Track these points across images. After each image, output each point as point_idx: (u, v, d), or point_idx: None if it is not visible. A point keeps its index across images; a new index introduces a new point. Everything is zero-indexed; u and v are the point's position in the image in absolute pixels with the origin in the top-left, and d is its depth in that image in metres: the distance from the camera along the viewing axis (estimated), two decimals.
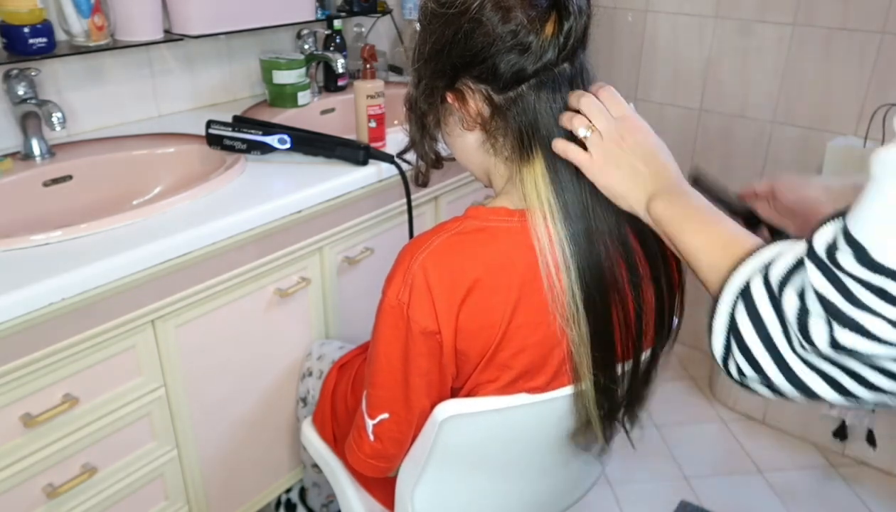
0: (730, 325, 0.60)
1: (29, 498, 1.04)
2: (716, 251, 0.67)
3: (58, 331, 0.98)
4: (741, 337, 0.59)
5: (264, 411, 1.36)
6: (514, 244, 0.81)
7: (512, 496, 1.01)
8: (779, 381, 0.58)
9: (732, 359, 0.60)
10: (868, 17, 1.80)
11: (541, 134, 0.80)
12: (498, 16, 0.75)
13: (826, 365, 0.55)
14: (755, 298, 0.58)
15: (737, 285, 0.60)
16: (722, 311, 0.61)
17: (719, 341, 0.61)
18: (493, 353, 0.83)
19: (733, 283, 0.61)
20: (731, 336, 0.60)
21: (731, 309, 0.60)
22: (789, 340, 0.56)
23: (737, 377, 0.61)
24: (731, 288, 0.61)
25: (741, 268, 0.61)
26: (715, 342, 0.61)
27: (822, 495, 1.79)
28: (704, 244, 0.69)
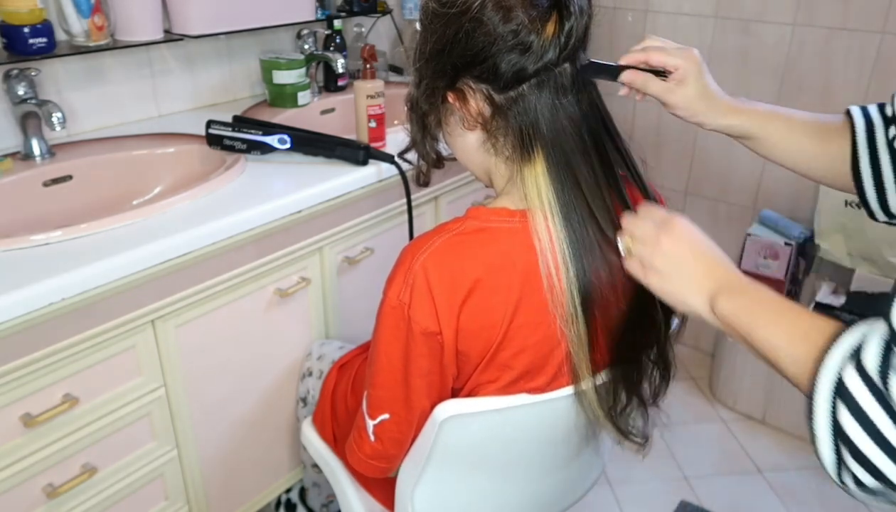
0: (834, 429, 0.54)
1: (29, 498, 1.04)
2: (795, 342, 0.61)
3: (58, 331, 0.98)
4: (852, 444, 0.52)
5: (264, 411, 1.36)
6: (514, 244, 0.81)
7: (512, 496, 1.01)
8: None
9: (847, 470, 0.54)
10: (868, 17, 1.80)
11: (542, 133, 0.80)
12: (499, 15, 0.75)
13: None
14: (854, 394, 0.52)
15: (829, 380, 0.55)
16: (821, 412, 0.55)
17: (828, 450, 0.55)
18: (493, 353, 0.83)
19: (824, 377, 0.55)
20: (839, 442, 0.53)
21: (830, 409, 0.54)
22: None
23: (855, 489, 0.55)
24: (823, 384, 0.55)
25: (828, 360, 0.56)
26: (823, 452, 0.55)
27: (822, 495, 1.79)
28: (781, 336, 0.63)
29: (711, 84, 0.91)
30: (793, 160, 0.93)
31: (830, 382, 0.54)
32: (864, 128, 0.87)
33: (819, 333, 0.59)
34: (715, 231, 2.21)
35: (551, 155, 0.79)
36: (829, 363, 0.55)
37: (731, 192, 2.17)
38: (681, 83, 0.90)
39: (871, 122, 0.88)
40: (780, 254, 1.96)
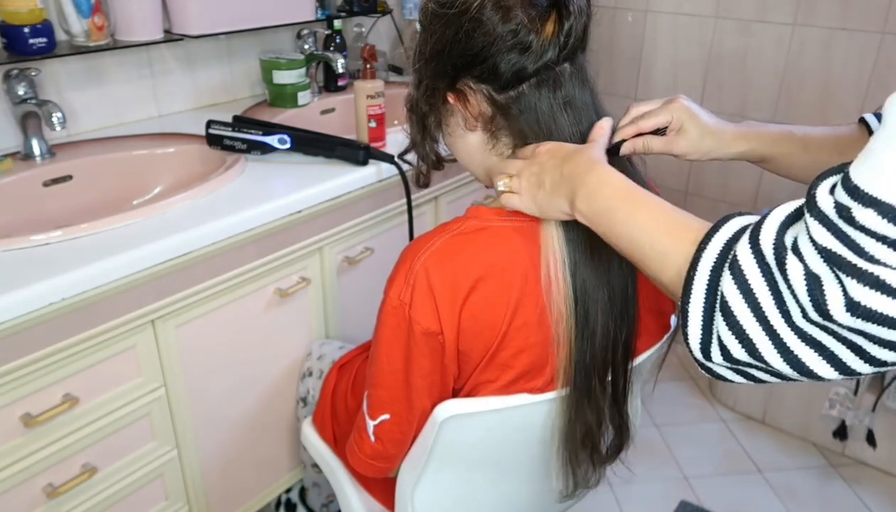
0: (708, 302, 0.55)
1: (29, 498, 1.04)
2: (662, 237, 0.63)
3: (58, 331, 0.98)
4: (731, 313, 0.53)
5: (264, 411, 1.36)
6: (515, 244, 0.81)
7: (512, 496, 1.01)
8: (773, 359, 0.52)
9: (717, 342, 0.55)
10: (868, 17, 1.80)
11: (542, 133, 0.80)
12: (498, 15, 0.75)
13: (827, 338, 0.50)
14: (744, 268, 0.53)
15: (712, 256, 0.56)
16: (699, 283, 0.56)
17: (696, 325, 0.56)
18: (493, 353, 0.83)
19: (707, 255, 0.56)
20: (719, 314, 0.54)
21: (707, 282, 0.55)
22: (784, 312, 0.51)
23: (721, 362, 0.55)
24: (706, 260, 0.56)
25: (715, 238, 0.57)
26: (691, 332, 0.56)
27: (822, 495, 1.79)
28: (646, 232, 0.65)
29: (709, 120, 0.92)
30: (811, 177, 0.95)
31: (713, 256, 0.56)
32: None
33: (688, 227, 0.62)
34: None
35: None
36: (714, 241, 0.57)
37: (731, 192, 2.17)
38: (679, 132, 0.91)
39: None
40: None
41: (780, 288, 0.51)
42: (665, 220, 0.65)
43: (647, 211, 0.66)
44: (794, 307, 0.50)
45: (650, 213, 0.66)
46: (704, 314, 0.56)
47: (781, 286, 0.51)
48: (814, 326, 0.50)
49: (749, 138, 0.92)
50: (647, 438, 1.97)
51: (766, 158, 0.93)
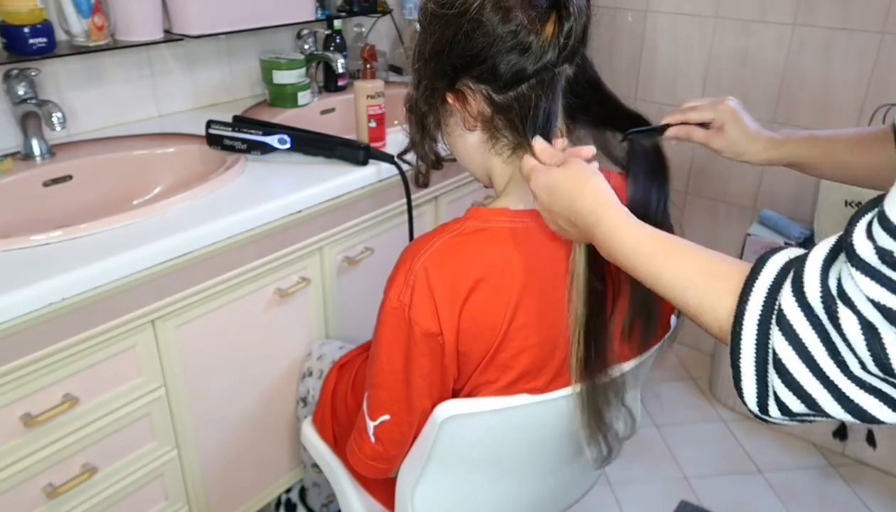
0: (759, 357, 0.52)
1: (29, 498, 1.04)
2: (697, 292, 0.60)
3: (58, 331, 0.98)
4: (785, 369, 0.51)
5: (264, 411, 1.36)
6: (515, 245, 0.81)
7: (512, 496, 1.01)
8: (833, 410, 0.50)
9: (774, 399, 0.52)
10: (868, 17, 1.80)
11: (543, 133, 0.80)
12: (498, 16, 0.75)
13: (883, 384, 0.48)
14: (792, 322, 0.50)
15: (756, 310, 0.53)
16: (748, 341, 0.53)
17: (750, 382, 0.53)
18: (493, 353, 0.83)
19: (751, 309, 0.53)
20: (773, 372, 0.52)
21: (756, 338, 0.53)
22: (840, 362, 0.49)
23: (779, 416, 0.53)
24: (752, 311, 0.53)
25: (755, 288, 0.54)
26: (746, 389, 0.53)
27: (822, 495, 1.79)
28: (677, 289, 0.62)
29: (751, 125, 0.99)
30: (841, 175, 0.98)
31: (758, 309, 0.53)
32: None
33: (726, 270, 0.59)
34: (715, 231, 2.23)
35: None
36: (756, 291, 0.54)
37: (731, 192, 2.17)
38: (720, 130, 1.00)
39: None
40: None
41: (834, 340, 0.49)
42: (694, 271, 0.61)
43: (672, 265, 0.63)
44: (852, 359, 0.48)
45: (676, 267, 0.62)
46: (757, 371, 0.53)
47: (835, 338, 0.49)
48: (873, 376, 0.48)
49: (781, 145, 0.99)
50: (647, 438, 1.97)
51: (795, 163, 0.99)
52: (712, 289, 0.58)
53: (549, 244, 0.83)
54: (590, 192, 0.71)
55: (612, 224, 0.69)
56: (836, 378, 0.49)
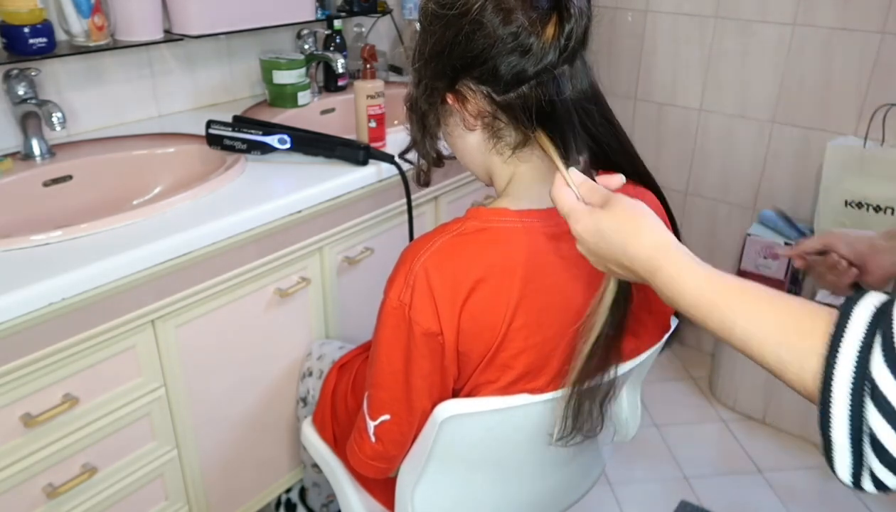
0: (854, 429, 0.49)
1: (29, 498, 1.04)
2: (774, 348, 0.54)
3: (58, 331, 0.98)
4: (884, 450, 0.47)
5: (264, 411, 1.36)
6: (515, 245, 0.81)
7: (512, 496, 1.01)
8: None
9: (869, 475, 0.49)
10: (868, 17, 1.80)
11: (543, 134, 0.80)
12: (499, 18, 0.75)
13: None
14: (888, 395, 0.46)
15: (847, 378, 0.49)
16: (838, 414, 0.49)
17: (843, 458, 0.50)
18: (493, 353, 0.83)
19: (841, 377, 0.49)
20: (870, 449, 0.48)
21: (850, 408, 0.49)
22: None
23: (872, 490, 0.50)
24: (841, 384, 0.49)
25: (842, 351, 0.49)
26: (838, 460, 0.50)
27: (822, 495, 1.79)
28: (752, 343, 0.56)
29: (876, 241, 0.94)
30: None
31: (849, 377, 0.48)
32: None
33: (814, 317, 0.53)
34: (715, 231, 2.23)
35: None
36: (843, 355, 0.49)
37: (731, 192, 2.17)
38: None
39: None
40: (780, 254, 1.96)
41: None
42: (770, 325, 0.56)
43: (742, 319, 0.57)
44: None
45: (746, 321, 0.57)
46: (852, 445, 0.49)
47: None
48: None
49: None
50: (647, 438, 1.97)
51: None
52: (794, 348, 0.54)
53: (549, 244, 0.82)
54: (646, 238, 0.65)
55: (671, 273, 0.63)
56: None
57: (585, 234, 0.69)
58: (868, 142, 1.82)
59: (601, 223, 0.68)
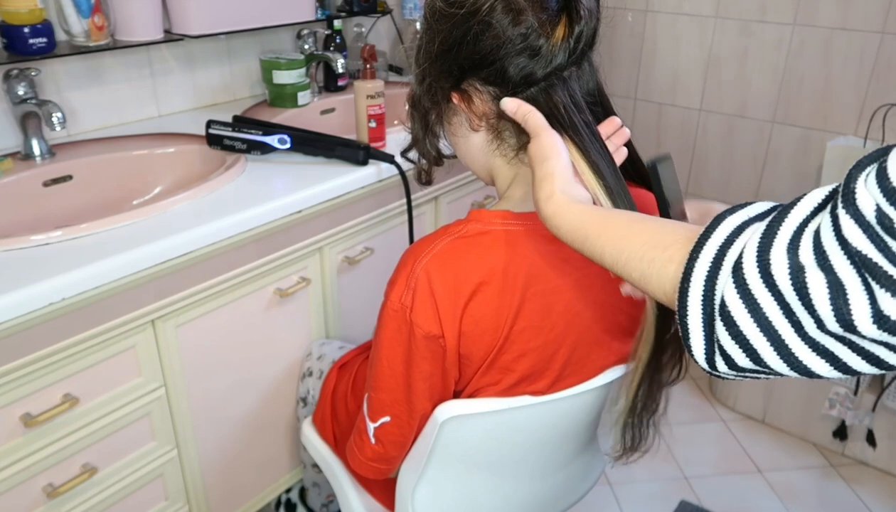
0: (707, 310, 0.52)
1: (29, 498, 1.04)
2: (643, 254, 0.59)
3: (58, 331, 0.98)
4: (732, 321, 0.50)
5: (264, 411, 1.36)
6: (517, 248, 0.81)
7: (512, 497, 1.01)
8: (777, 366, 0.50)
9: (720, 352, 0.52)
10: (868, 17, 1.80)
11: None
12: (508, 18, 0.74)
13: (841, 348, 0.47)
14: (747, 277, 0.49)
15: (706, 267, 0.52)
16: (694, 297, 0.52)
17: (699, 338, 0.53)
18: (495, 356, 0.83)
19: (700, 266, 0.52)
20: (720, 320, 0.51)
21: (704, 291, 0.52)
22: (794, 322, 0.48)
23: (726, 371, 0.53)
24: (700, 272, 0.52)
25: (704, 250, 0.53)
26: (694, 341, 0.53)
27: (822, 495, 1.79)
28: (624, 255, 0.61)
29: None
30: None
31: (708, 263, 0.52)
32: None
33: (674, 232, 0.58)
34: None
35: None
36: (708, 247, 0.53)
37: (731, 192, 2.17)
38: None
39: None
40: None
41: (789, 302, 0.48)
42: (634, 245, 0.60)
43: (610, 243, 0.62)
44: (808, 319, 0.47)
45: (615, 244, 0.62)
46: (705, 327, 0.53)
47: (791, 300, 0.48)
48: (829, 337, 0.47)
49: None
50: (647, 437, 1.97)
51: None
52: (654, 260, 0.58)
53: (551, 247, 0.82)
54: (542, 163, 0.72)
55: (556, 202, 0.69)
56: (787, 337, 0.49)
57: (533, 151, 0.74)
58: (868, 142, 1.82)
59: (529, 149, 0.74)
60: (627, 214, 0.65)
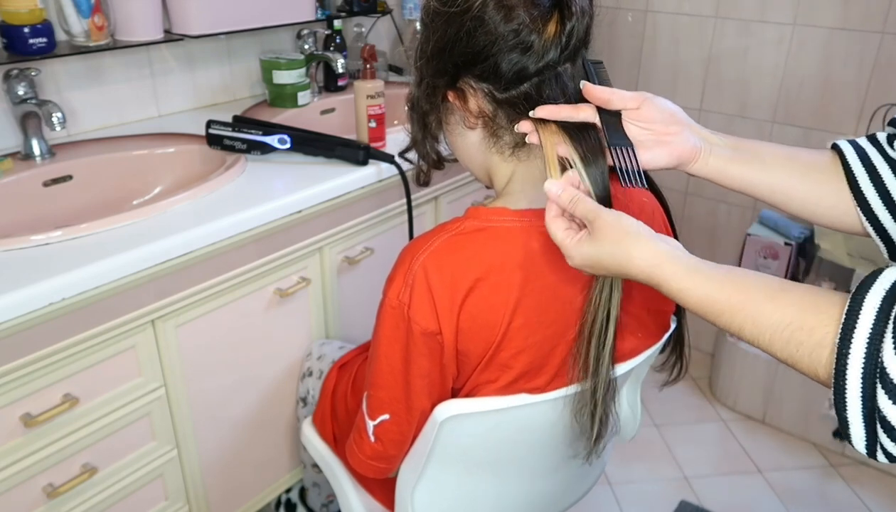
0: (867, 411, 0.52)
1: (29, 498, 1.04)
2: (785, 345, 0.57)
3: (58, 331, 0.98)
4: (892, 428, 0.50)
5: (264, 411, 1.36)
6: (514, 245, 0.81)
7: (512, 496, 1.01)
8: None
9: (881, 447, 0.52)
10: (868, 17, 1.80)
11: None
12: (500, 15, 0.75)
13: None
14: (893, 378, 0.49)
15: (859, 366, 0.51)
16: (853, 400, 0.52)
17: (859, 433, 0.53)
18: (493, 353, 0.83)
19: (853, 366, 0.52)
20: (881, 428, 0.51)
21: (862, 394, 0.52)
22: None
23: (887, 462, 0.53)
24: (853, 373, 0.52)
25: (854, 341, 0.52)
26: (854, 436, 0.53)
27: (822, 495, 1.79)
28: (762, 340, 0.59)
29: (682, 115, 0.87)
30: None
31: (859, 365, 0.51)
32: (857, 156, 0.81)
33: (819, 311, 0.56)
34: (715, 231, 2.23)
35: None
36: (855, 344, 0.51)
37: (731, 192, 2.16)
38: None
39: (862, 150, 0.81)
40: (780, 254, 1.96)
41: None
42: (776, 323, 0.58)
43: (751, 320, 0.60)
44: None
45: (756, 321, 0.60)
46: (866, 423, 0.52)
47: None
48: None
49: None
50: (647, 438, 1.97)
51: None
52: (802, 344, 0.56)
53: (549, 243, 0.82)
54: (639, 259, 0.67)
55: (671, 288, 0.65)
56: None
57: (583, 266, 0.71)
58: None
59: (592, 255, 0.69)
60: (757, 282, 0.62)
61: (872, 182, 0.78)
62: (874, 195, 0.77)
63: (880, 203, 0.77)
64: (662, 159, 0.78)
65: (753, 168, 0.81)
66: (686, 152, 0.78)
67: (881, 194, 0.77)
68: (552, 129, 0.77)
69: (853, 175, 0.79)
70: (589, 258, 0.70)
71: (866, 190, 0.78)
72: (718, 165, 0.81)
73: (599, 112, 0.77)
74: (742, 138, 0.84)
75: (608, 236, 0.68)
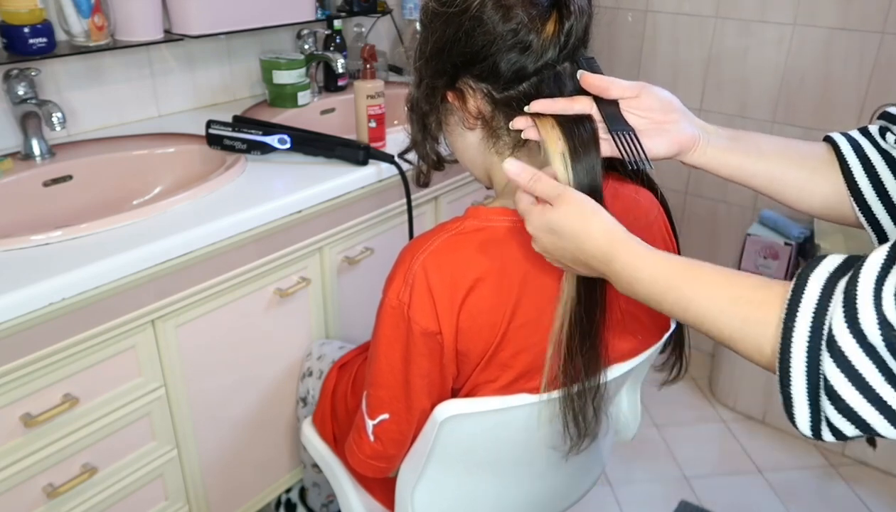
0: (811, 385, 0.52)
1: (29, 498, 1.04)
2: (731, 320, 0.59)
3: (58, 331, 0.98)
4: (838, 397, 0.51)
5: (264, 411, 1.36)
6: (514, 244, 0.81)
7: (512, 496, 1.01)
8: (887, 431, 0.51)
9: (827, 424, 0.53)
10: (868, 17, 1.80)
11: None
12: (499, 14, 0.75)
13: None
14: (844, 348, 0.50)
15: (804, 338, 0.52)
16: (797, 372, 0.53)
17: (803, 410, 0.53)
18: (493, 353, 0.83)
19: (798, 336, 0.52)
20: (826, 398, 0.52)
21: (807, 366, 0.52)
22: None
23: (832, 439, 0.54)
24: (799, 344, 0.52)
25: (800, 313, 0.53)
26: (798, 413, 0.53)
27: (822, 495, 1.79)
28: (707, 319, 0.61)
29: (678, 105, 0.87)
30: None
31: (805, 335, 0.52)
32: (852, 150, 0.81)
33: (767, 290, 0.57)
34: (715, 231, 2.23)
35: None
36: (801, 316, 0.53)
37: (731, 192, 2.17)
38: None
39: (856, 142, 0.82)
40: (780, 254, 1.96)
41: (890, 365, 0.49)
42: (724, 300, 0.60)
43: (699, 295, 0.61)
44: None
45: (704, 296, 0.61)
46: (809, 397, 0.53)
47: (891, 363, 0.49)
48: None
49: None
50: (647, 438, 1.97)
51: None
52: (749, 319, 0.57)
53: None
54: (597, 230, 0.68)
55: (626, 261, 0.66)
56: (892, 402, 0.50)
57: (538, 232, 0.72)
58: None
59: (552, 221, 0.70)
60: (706, 266, 0.63)
61: (866, 173, 0.79)
62: (867, 186, 0.78)
63: (874, 194, 0.78)
64: (662, 147, 0.78)
65: (750, 158, 0.81)
66: (685, 140, 0.78)
67: (874, 185, 0.78)
68: (550, 123, 0.77)
69: (847, 166, 0.79)
70: (547, 224, 0.70)
71: (860, 180, 0.79)
72: (716, 155, 0.81)
73: (597, 102, 0.78)
74: (738, 130, 0.84)
75: (570, 208, 0.69)
